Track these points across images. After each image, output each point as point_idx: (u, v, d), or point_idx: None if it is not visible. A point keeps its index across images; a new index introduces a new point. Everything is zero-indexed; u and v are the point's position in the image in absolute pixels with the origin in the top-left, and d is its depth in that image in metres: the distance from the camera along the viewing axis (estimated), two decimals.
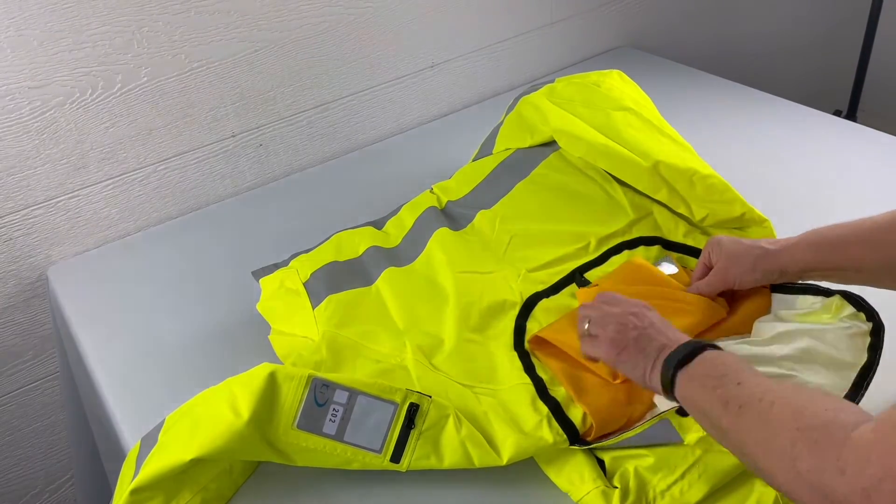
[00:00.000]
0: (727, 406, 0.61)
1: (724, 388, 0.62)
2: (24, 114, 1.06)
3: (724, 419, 0.62)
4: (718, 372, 0.65)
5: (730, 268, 0.84)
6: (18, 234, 1.13)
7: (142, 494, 0.71)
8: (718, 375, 0.64)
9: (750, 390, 0.61)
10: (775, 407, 0.58)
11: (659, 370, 0.70)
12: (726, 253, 0.85)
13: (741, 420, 0.60)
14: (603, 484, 0.73)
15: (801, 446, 0.54)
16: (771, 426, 0.57)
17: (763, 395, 0.59)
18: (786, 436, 0.55)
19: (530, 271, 0.95)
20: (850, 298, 0.80)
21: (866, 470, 0.49)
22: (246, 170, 1.30)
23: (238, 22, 1.18)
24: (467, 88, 1.51)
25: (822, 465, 0.52)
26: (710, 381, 0.64)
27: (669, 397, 0.69)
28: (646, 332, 0.74)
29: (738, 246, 0.85)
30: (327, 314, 0.91)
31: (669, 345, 0.71)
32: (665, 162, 0.99)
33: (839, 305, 0.81)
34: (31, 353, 1.22)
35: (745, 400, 0.60)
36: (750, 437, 0.59)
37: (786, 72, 2.14)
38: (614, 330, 0.76)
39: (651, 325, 0.74)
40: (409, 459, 0.75)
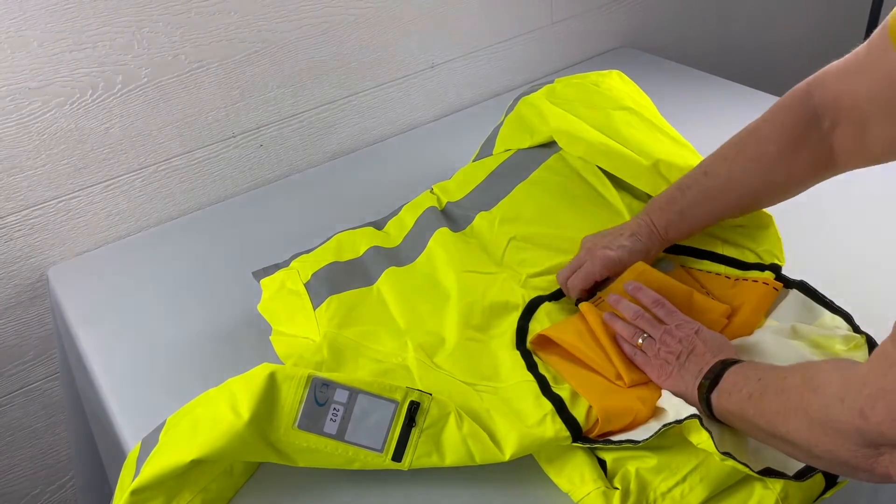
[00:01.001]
0: (751, 399, 0.68)
1: (749, 387, 0.69)
2: (24, 114, 1.06)
3: (751, 409, 0.68)
4: (744, 379, 0.70)
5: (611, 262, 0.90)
6: (19, 234, 1.13)
7: (142, 495, 0.71)
8: (744, 381, 0.70)
9: (768, 380, 0.67)
10: (787, 380, 0.65)
11: (696, 392, 0.75)
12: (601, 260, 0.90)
13: (764, 403, 0.66)
14: (604, 485, 0.73)
15: (809, 394, 0.61)
16: (785, 394, 0.64)
17: (777, 376, 0.66)
18: (795, 395, 0.62)
19: (530, 277, 0.95)
20: (871, 345, 0.81)
21: (862, 392, 0.55)
22: (246, 170, 1.30)
23: (238, 22, 1.18)
24: (467, 89, 1.51)
25: (825, 402, 0.59)
26: (736, 389, 0.70)
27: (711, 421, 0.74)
28: (689, 358, 0.78)
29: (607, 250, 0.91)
30: (328, 315, 0.91)
31: (708, 366, 0.75)
32: (665, 160, 0.99)
33: (858, 344, 0.81)
34: (32, 354, 1.22)
35: (765, 387, 0.67)
36: (772, 412, 0.65)
37: (786, 72, 2.14)
38: (664, 358, 0.79)
39: (694, 351, 0.78)
40: (410, 458, 0.75)
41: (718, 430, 0.74)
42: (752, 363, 0.73)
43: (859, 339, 0.81)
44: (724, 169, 0.89)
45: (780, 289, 0.89)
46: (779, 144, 0.85)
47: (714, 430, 0.71)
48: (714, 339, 0.79)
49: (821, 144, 0.83)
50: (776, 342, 0.81)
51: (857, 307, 0.86)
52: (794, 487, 0.72)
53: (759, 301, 0.88)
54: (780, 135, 0.85)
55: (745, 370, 0.72)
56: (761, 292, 0.88)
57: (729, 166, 0.88)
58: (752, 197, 0.90)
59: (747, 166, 0.87)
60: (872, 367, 0.57)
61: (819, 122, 0.83)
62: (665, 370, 0.78)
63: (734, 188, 0.89)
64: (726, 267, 0.94)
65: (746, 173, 0.87)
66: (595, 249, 0.91)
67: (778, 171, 0.86)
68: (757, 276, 0.91)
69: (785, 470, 0.71)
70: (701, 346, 0.78)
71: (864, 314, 0.85)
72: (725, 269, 0.94)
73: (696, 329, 0.80)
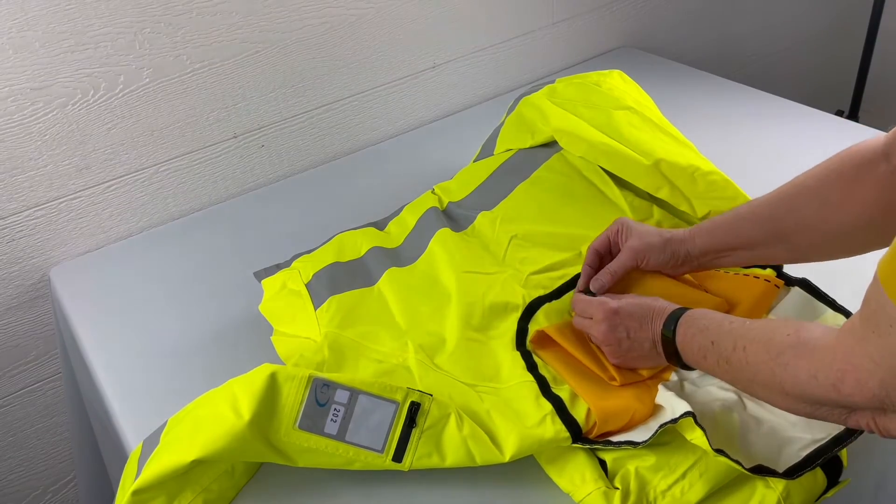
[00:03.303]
0: (718, 364, 0.71)
1: (711, 354, 0.71)
2: (26, 115, 1.06)
3: (724, 375, 0.71)
4: (697, 342, 0.73)
5: (641, 247, 0.88)
6: (21, 235, 1.13)
7: (144, 495, 0.71)
8: (699, 346, 0.73)
9: (724, 344, 0.70)
10: (748, 351, 0.67)
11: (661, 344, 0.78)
12: (637, 233, 0.88)
13: (732, 369, 0.69)
14: (604, 485, 0.73)
15: (780, 372, 0.63)
16: (752, 367, 0.66)
17: (735, 343, 0.68)
18: (765, 369, 0.64)
19: (531, 275, 0.95)
20: None
21: (832, 367, 0.58)
22: (248, 171, 1.30)
23: (240, 23, 1.18)
24: (469, 89, 1.51)
25: (799, 378, 0.61)
26: (699, 353, 0.73)
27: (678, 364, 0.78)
28: (630, 336, 0.80)
29: (647, 228, 0.89)
30: (329, 315, 0.91)
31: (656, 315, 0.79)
32: (666, 160, 0.99)
33: None
34: (34, 354, 1.22)
35: (726, 354, 0.69)
36: (745, 382, 0.69)
37: (787, 71, 2.14)
38: (609, 352, 0.82)
39: (628, 315, 0.80)
40: (411, 458, 0.75)
41: (712, 424, 0.74)
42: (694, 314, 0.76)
43: None
44: (773, 195, 0.82)
45: (782, 286, 0.89)
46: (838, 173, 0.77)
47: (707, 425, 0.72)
48: (631, 303, 0.81)
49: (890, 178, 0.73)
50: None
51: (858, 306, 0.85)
52: (796, 487, 0.72)
53: (760, 298, 0.88)
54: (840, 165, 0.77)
55: (692, 327, 0.74)
56: (762, 289, 0.88)
57: (777, 191, 0.81)
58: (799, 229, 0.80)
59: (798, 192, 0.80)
60: (840, 342, 0.59)
61: (889, 159, 0.73)
62: (618, 347, 0.81)
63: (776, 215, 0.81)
64: None
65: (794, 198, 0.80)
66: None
67: (833, 202, 0.76)
68: (758, 273, 0.91)
69: (776, 467, 0.71)
70: (626, 305, 0.81)
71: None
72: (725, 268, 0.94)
73: (612, 309, 0.81)
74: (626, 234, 0.89)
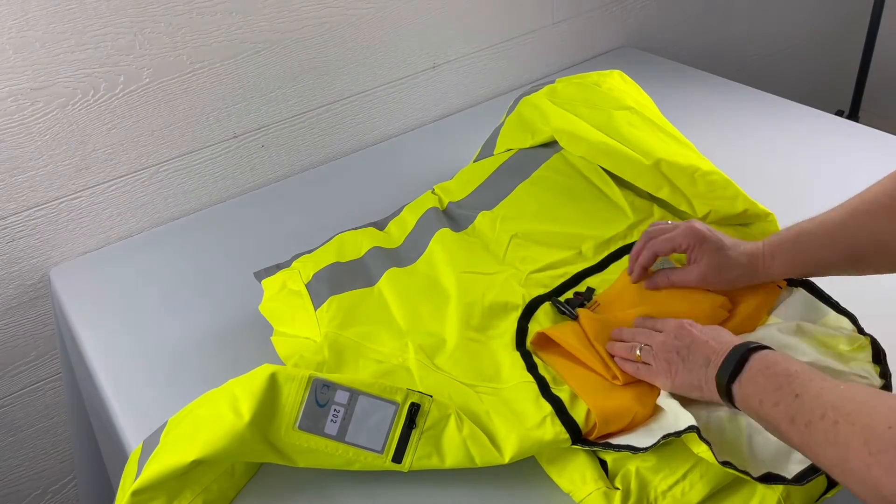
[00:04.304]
0: (794, 422, 0.62)
1: (784, 402, 0.63)
2: (26, 115, 1.06)
3: (794, 436, 0.62)
4: (773, 384, 0.65)
5: (709, 275, 0.85)
6: (21, 235, 1.13)
7: (144, 495, 0.71)
8: (774, 388, 0.65)
9: (810, 405, 0.61)
10: (840, 426, 0.58)
11: (713, 384, 0.71)
12: (709, 261, 0.84)
13: (811, 438, 0.60)
14: (605, 485, 0.73)
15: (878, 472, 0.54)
16: (841, 448, 0.57)
17: (824, 412, 0.59)
18: (859, 460, 0.55)
19: (532, 273, 0.95)
20: (875, 347, 0.80)
21: None
22: (248, 171, 1.30)
23: (240, 23, 1.18)
24: (469, 89, 1.51)
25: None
26: (768, 397, 0.65)
27: (733, 408, 0.70)
28: (690, 350, 0.75)
29: (726, 256, 0.84)
30: (329, 315, 0.91)
31: (716, 354, 0.72)
32: (666, 160, 0.99)
33: (862, 345, 0.80)
34: (34, 354, 1.22)
35: (809, 417, 0.60)
36: (824, 457, 0.59)
37: (787, 71, 2.14)
38: (665, 358, 0.77)
39: (693, 341, 0.75)
40: (410, 459, 0.75)
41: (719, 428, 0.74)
42: (779, 355, 0.68)
43: (863, 340, 0.81)
44: (846, 214, 0.80)
45: (784, 287, 0.89)
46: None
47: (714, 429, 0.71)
48: (709, 328, 0.77)
49: None
50: (780, 340, 0.81)
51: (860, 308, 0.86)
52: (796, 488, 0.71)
53: (762, 298, 0.88)
54: None
55: (774, 369, 0.66)
56: (764, 289, 0.88)
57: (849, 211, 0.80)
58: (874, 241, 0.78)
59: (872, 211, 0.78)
60: None
61: None
62: (671, 369, 0.76)
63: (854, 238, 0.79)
64: None
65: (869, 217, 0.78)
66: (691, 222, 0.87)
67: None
68: None
69: (785, 473, 0.71)
70: (698, 334, 0.75)
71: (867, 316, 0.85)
72: None
73: (688, 322, 0.78)
74: (699, 254, 0.85)
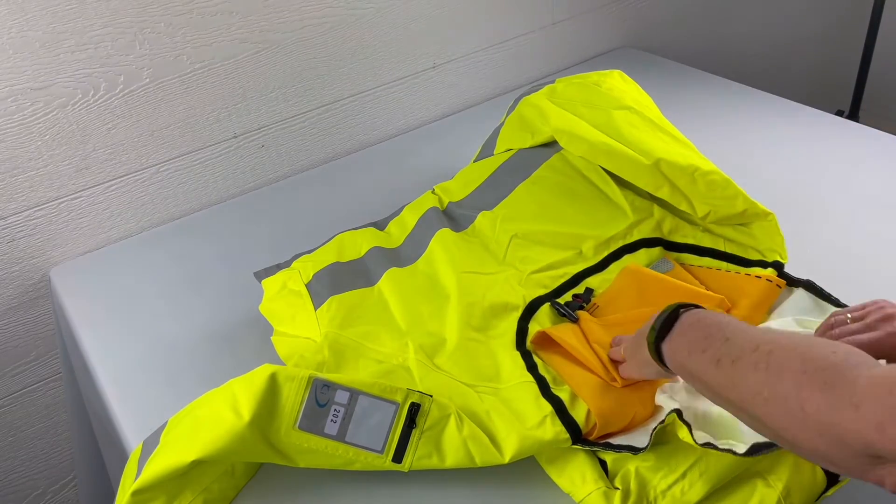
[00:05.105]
0: (719, 364, 0.59)
1: (713, 347, 0.61)
2: (26, 115, 1.06)
3: (719, 377, 0.60)
4: (702, 333, 0.63)
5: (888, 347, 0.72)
6: (21, 235, 1.13)
7: (144, 495, 0.71)
8: (703, 337, 0.63)
9: (740, 343, 0.59)
10: (774, 355, 0.56)
11: (646, 348, 0.70)
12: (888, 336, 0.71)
13: (736, 373, 0.58)
14: (605, 485, 0.73)
15: (810, 389, 0.52)
16: (771, 373, 0.55)
17: (758, 345, 0.58)
18: (790, 380, 0.53)
19: (532, 274, 0.95)
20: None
21: (886, 401, 0.47)
22: (248, 171, 1.30)
23: (240, 23, 1.18)
24: (469, 89, 1.51)
25: (833, 404, 0.50)
26: (696, 346, 0.63)
27: (667, 371, 0.69)
28: (642, 330, 0.74)
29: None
30: (329, 315, 0.91)
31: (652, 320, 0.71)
32: (666, 159, 0.99)
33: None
34: (34, 354, 1.22)
35: (738, 353, 0.58)
36: (748, 389, 0.57)
37: (787, 71, 2.14)
38: (628, 345, 0.78)
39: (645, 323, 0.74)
40: (410, 459, 0.75)
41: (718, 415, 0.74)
42: (707, 312, 0.65)
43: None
44: None
45: (783, 286, 0.89)
46: None
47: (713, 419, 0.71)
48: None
49: None
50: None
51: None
52: (796, 486, 0.72)
53: (761, 297, 0.88)
54: None
55: (704, 321, 0.64)
56: (763, 288, 0.88)
57: None
58: None
59: None
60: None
61: None
62: (630, 353, 0.76)
63: None
64: (728, 264, 0.94)
65: None
66: None
67: None
68: (759, 273, 0.91)
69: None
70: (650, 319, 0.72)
71: None
72: (727, 266, 0.94)
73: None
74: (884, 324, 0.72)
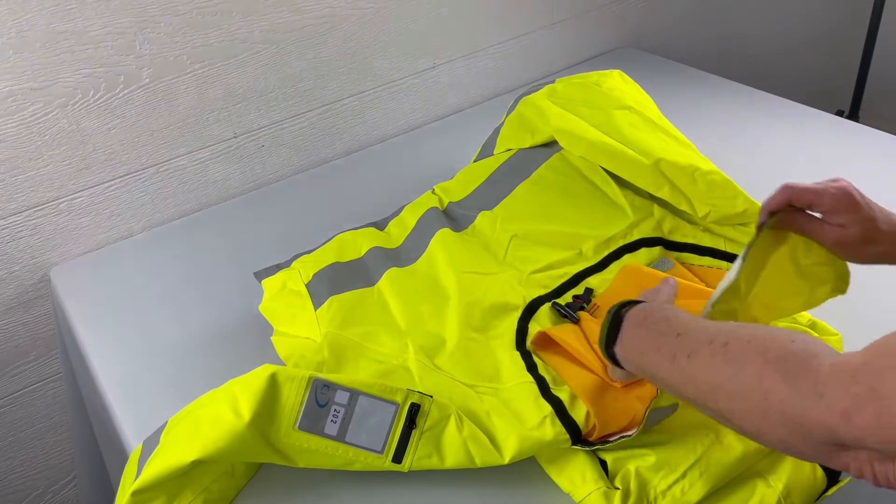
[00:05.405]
0: (675, 360, 0.58)
1: (666, 345, 0.60)
2: (26, 115, 1.06)
3: (676, 374, 0.59)
4: (652, 331, 0.62)
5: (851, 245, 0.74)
6: (21, 235, 1.13)
7: (143, 495, 0.71)
8: (654, 335, 0.62)
9: (693, 337, 0.58)
10: (731, 346, 0.54)
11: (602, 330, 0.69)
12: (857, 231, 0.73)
13: (694, 368, 0.57)
14: (605, 485, 0.73)
15: (772, 378, 0.50)
16: (731, 365, 0.54)
17: (713, 338, 0.56)
18: (751, 371, 0.52)
19: (532, 274, 0.95)
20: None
21: (850, 389, 0.46)
22: (248, 171, 1.30)
23: (240, 23, 1.18)
24: (469, 89, 1.51)
25: (796, 392, 0.49)
26: (649, 344, 0.62)
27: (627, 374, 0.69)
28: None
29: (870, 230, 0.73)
30: (329, 315, 0.91)
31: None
32: (666, 159, 0.99)
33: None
34: (34, 354, 1.22)
35: (693, 347, 0.57)
36: (707, 383, 0.56)
37: (787, 71, 2.14)
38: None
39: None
40: (410, 460, 0.75)
41: None
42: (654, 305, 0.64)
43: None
44: None
45: None
46: None
47: None
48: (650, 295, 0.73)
49: None
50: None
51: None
52: (796, 486, 0.72)
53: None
54: None
55: (651, 318, 0.62)
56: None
57: None
58: None
59: None
60: (868, 362, 0.47)
61: None
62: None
63: None
64: (728, 263, 0.94)
65: None
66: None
67: None
68: None
69: None
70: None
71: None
72: (727, 265, 0.94)
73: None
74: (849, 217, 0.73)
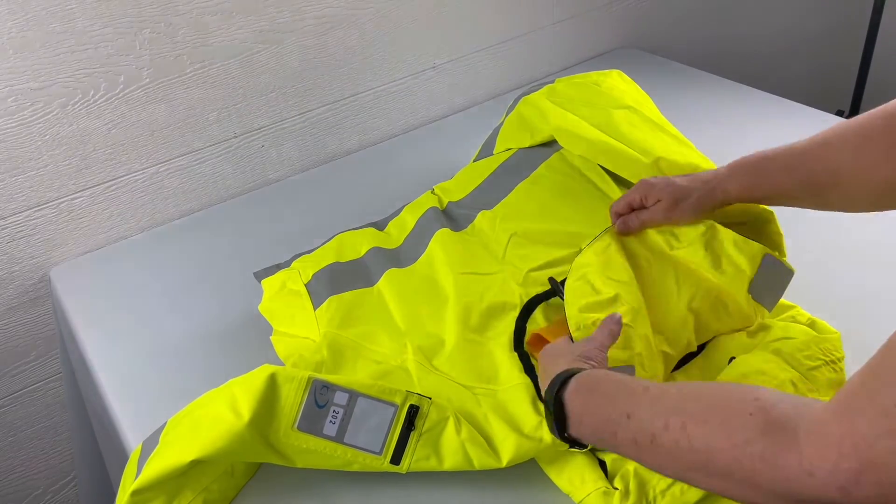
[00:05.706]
0: (638, 444, 0.56)
1: (620, 429, 0.57)
2: (26, 115, 1.06)
3: (645, 458, 0.57)
4: (601, 416, 0.60)
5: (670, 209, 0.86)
6: (21, 235, 1.13)
7: (143, 495, 0.71)
8: (603, 421, 0.60)
9: (645, 418, 0.55)
10: (690, 429, 0.52)
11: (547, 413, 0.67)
12: (670, 192, 0.86)
13: (661, 455, 0.54)
14: (604, 485, 0.73)
15: (752, 465, 0.48)
16: (700, 454, 0.51)
17: (666, 422, 0.53)
18: (726, 459, 0.49)
19: (530, 272, 0.95)
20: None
21: (840, 465, 0.43)
22: (248, 171, 1.30)
23: (240, 23, 1.18)
24: (469, 89, 1.51)
25: (783, 474, 0.46)
26: (604, 430, 0.60)
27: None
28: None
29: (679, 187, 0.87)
30: (329, 315, 0.91)
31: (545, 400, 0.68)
32: (666, 158, 0.99)
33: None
34: (34, 355, 1.22)
35: (650, 431, 0.54)
36: (681, 467, 0.53)
37: (787, 71, 2.14)
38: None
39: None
40: (409, 461, 0.75)
41: None
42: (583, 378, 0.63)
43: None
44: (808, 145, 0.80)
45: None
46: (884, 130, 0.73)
47: None
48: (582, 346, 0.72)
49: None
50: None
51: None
52: None
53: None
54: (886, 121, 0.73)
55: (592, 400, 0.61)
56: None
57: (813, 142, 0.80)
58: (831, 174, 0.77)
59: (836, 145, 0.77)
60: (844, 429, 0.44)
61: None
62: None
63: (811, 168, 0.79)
64: None
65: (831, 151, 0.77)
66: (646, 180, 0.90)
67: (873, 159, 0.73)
68: None
69: None
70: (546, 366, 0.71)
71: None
72: None
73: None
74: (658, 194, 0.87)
